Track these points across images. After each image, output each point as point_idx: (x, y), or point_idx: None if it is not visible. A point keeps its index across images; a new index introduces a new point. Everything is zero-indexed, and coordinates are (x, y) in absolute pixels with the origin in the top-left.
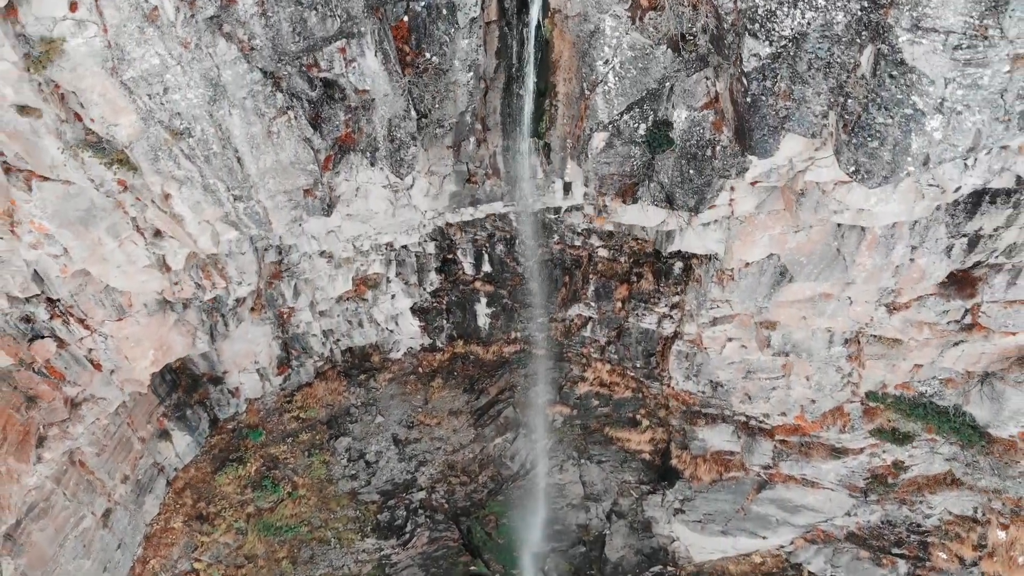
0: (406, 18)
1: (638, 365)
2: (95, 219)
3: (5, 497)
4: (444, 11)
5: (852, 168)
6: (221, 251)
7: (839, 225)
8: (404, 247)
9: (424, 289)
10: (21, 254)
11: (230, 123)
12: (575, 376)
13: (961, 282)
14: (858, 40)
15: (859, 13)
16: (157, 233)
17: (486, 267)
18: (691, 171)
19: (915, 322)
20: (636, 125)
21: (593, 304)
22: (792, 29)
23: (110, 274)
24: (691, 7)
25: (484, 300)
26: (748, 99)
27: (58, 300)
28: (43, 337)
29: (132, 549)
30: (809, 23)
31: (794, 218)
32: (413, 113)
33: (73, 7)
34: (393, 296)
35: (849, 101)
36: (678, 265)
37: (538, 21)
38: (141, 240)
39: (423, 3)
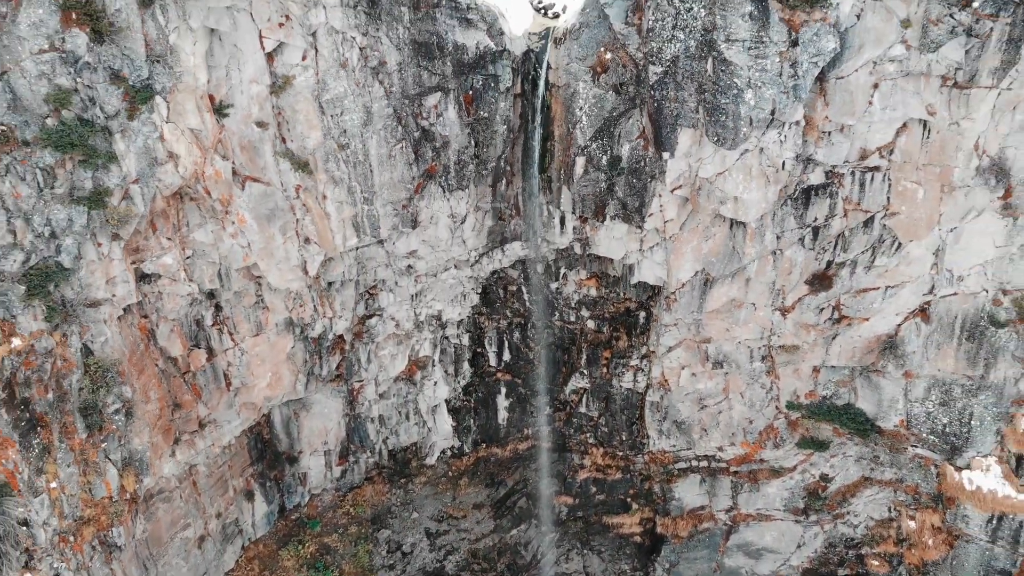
0: (471, 92)
1: (624, 438)
2: (275, 217)
3: (155, 462)
4: (492, 85)
5: (715, 139)
6: (336, 277)
7: (731, 227)
8: (444, 335)
9: (459, 381)
10: (221, 245)
11: (370, 143)
12: (576, 464)
13: (822, 279)
14: (703, 54)
15: (700, 38)
16: (307, 240)
17: (506, 355)
18: (634, 180)
19: (802, 324)
20: (600, 156)
21: (585, 372)
22: (671, 55)
23: (272, 270)
24: (622, 66)
25: (504, 391)
26: (655, 106)
27: (221, 310)
28: (199, 347)
29: None
30: (678, 50)
31: (698, 211)
32: (472, 146)
33: (304, 57)
34: (435, 383)
35: (706, 95)
36: (642, 315)
37: (543, 93)
38: (296, 243)
39: (481, 80)
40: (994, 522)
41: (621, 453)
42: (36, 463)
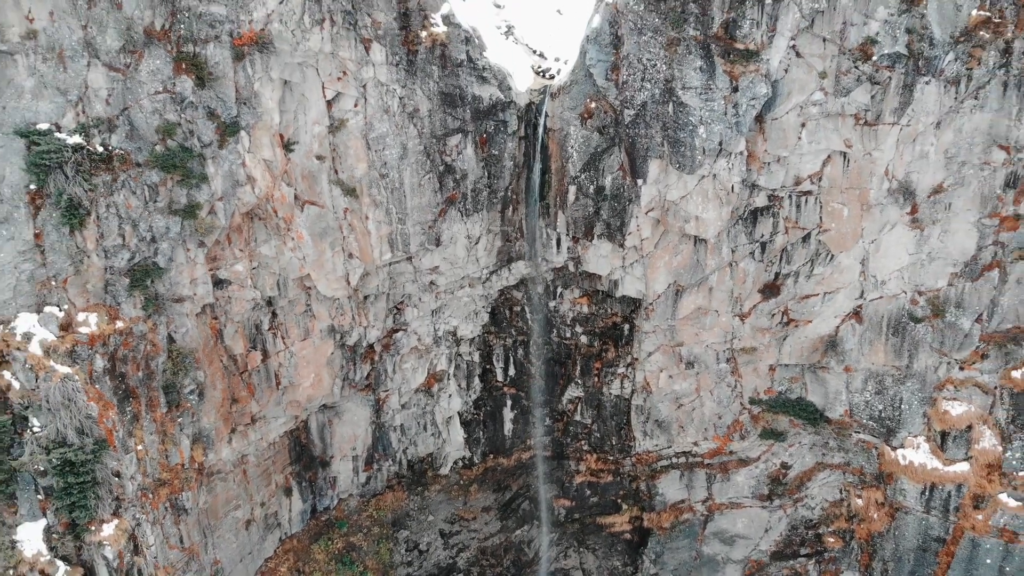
0: (485, 134)
1: (614, 443)
2: (326, 234)
3: (218, 441)
4: (502, 129)
5: (678, 166)
6: (371, 290)
7: (695, 244)
8: (458, 351)
9: (470, 395)
10: (281, 258)
11: (405, 174)
12: (572, 470)
13: (772, 288)
14: (665, 99)
15: (662, 87)
16: (350, 255)
17: (511, 371)
18: (616, 204)
19: (758, 328)
20: (588, 185)
21: (580, 381)
22: (640, 101)
23: (321, 280)
24: (604, 112)
25: (509, 403)
26: (630, 142)
27: (276, 316)
28: (255, 349)
29: (254, 565)
30: (646, 97)
31: (668, 230)
32: (485, 178)
33: (356, 104)
34: (450, 396)
35: (668, 131)
36: (626, 327)
37: (542, 136)
38: (342, 256)
39: (493, 125)
40: (927, 493)
41: (612, 457)
42: (128, 427)
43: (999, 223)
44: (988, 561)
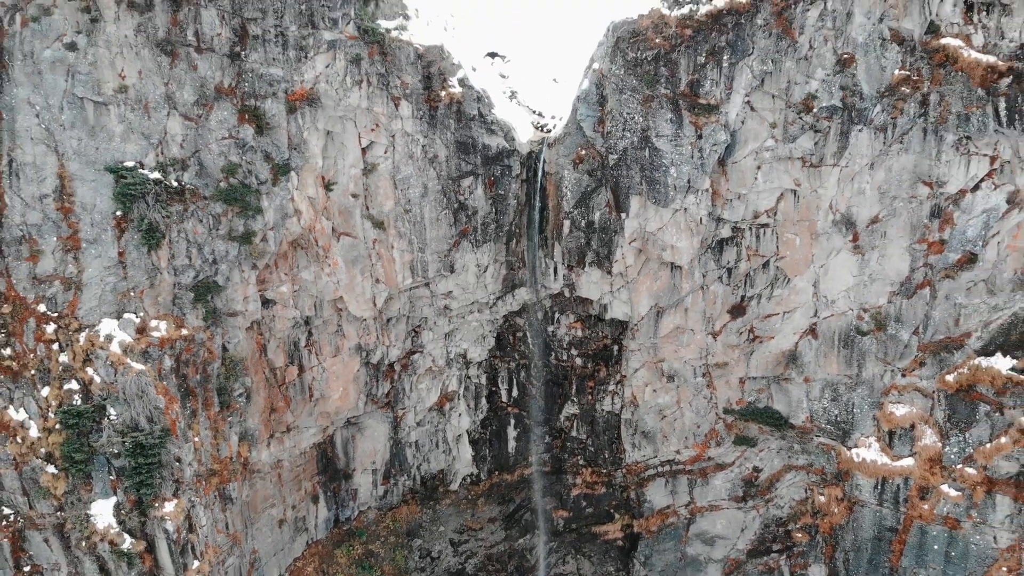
0: (493, 177)
1: (607, 456)
2: (357, 261)
3: (259, 443)
4: (507, 173)
5: (654, 201)
6: (393, 312)
7: (671, 270)
8: (467, 374)
9: (478, 415)
10: (319, 281)
11: (425, 210)
12: (570, 484)
13: (738, 308)
14: (642, 145)
15: (640, 135)
16: (377, 280)
17: (515, 392)
18: (603, 236)
19: (728, 344)
20: (580, 219)
21: (575, 399)
22: (622, 147)
23: (352, 302)
24: (592, 158)
25: (513, 422)
26: (614, 182)
27: (312, 335)
28: (292, 364)
29: (285, 561)
30: (627, 144)
31: (649, 258)
32: (492, 214)
33: (385, 151)
34: (460, 414)
35: (646, 172)
36: (615, 348)
37: (541, 178)
38: (370, 281)
39: (499, 169)
40: (879, 487)
41: (605, 470)
42: (187, 420)
43: (927, 247)
44: (936, 547)
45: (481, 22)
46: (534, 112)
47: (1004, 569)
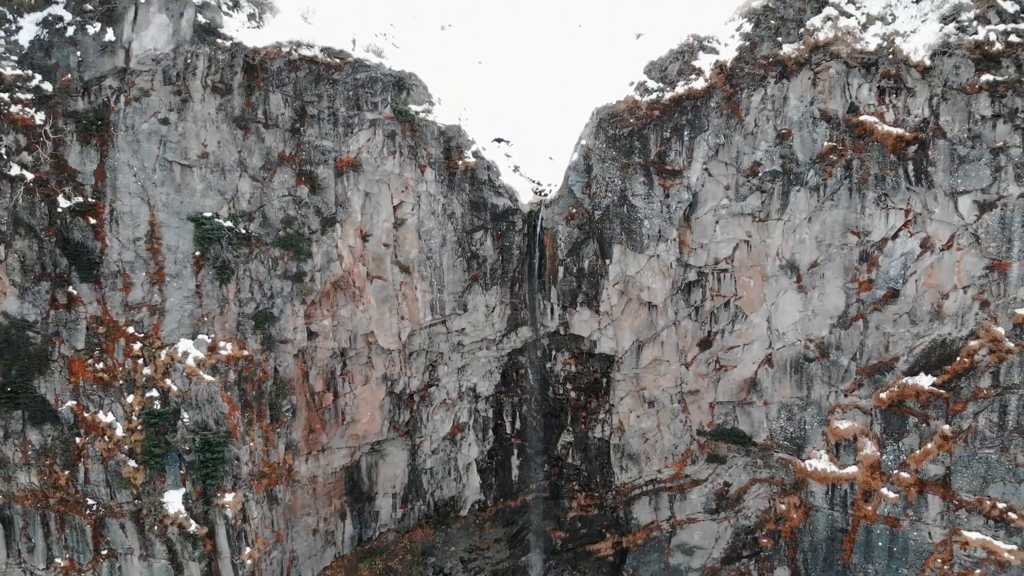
0: (499, 231)
1: (598, 480)
2: (386, 300)
3: (299, 457)
4: (512, 227)
5: (632, 248)
6: (415, 347)
7: (649, 309)
8: (476, 407)
9: (485, 445)
10: (355, 318)
11: (444, 257)
12: (566, 507)
13: (706, 342)
14: (621, 203)
15: (619, 195)
16: (402, 317)
17: (518, 424)
18: (592, 279)
19: (699, 373)
20: (572, 266)
21: (570, 428)
22: (605, 204)
23: (381, 335)
24: (581, 215)
25: (516, 452)
26: (599, 233)
27: (346, 365)
28: (328, 391)
29: (317, 568)
30: (609, 202)
31: (630, 299)
32: (499, 262)
33: (412, 208)
34: (470, 444)
35: (625, 224)
36: (604, 381)
37: (539, 233)
38: (396, 318)
39: (505, 225)
40: (830, 493)
41: (597, 493)
42: (245, 427)
43: (859, 286)
44: (880, 544)
45: (488, 113)
46: (533, 182)
47: (939, 561)
